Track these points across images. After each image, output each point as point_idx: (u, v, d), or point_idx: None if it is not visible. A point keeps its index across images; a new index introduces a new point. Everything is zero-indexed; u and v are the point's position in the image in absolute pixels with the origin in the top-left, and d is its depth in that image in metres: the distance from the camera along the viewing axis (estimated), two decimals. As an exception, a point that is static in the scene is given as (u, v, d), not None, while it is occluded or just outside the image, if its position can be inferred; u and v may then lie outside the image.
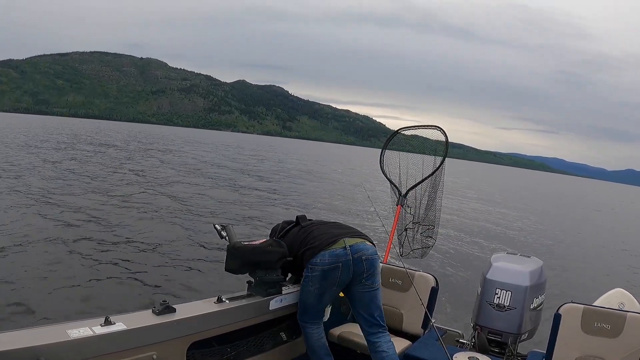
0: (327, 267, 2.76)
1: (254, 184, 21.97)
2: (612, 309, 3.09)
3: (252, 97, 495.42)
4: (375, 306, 2.91)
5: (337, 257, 2.76)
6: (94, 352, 2.03)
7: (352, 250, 2.77)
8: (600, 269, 12.57)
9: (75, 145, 36.06)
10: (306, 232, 2.97)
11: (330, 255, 2.76)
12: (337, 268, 2.76)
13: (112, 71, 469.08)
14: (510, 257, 3.84)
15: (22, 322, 4.97)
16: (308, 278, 2.86)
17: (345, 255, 2.76)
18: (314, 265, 2.79)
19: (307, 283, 2.88)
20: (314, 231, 2.94)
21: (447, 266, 9.94)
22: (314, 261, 2.80)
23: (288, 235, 3.07)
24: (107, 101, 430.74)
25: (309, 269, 2.84)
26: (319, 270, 2.78)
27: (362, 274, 2.81)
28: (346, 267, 2.76)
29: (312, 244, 2.85)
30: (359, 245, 2.81)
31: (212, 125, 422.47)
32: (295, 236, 3.01)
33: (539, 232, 18.03)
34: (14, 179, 15.36)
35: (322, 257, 2.76)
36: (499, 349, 3.48)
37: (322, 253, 2.77)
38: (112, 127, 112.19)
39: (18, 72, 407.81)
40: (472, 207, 23.14)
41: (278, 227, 3.23)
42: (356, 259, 2.77)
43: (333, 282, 2.82)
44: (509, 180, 75.06)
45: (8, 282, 6.26)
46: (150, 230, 10.25)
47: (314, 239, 2.87)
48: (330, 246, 2.77)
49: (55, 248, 8.05)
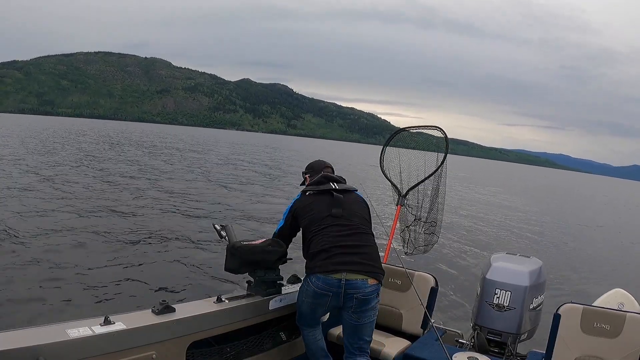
0: (319, 290, 2.75)
1: (254, 181, 22.02)
2: (611, 309, 3.09)
3: (256, 95, 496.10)
4: (358, 337, 2.85)
5: (330, 286, 2.71)
6: (94, 351, 2.04)
7: (347, 286, 2.70)
8: (600, 269, 12.52)
9: (79, 145, 36.18)
10: (323, 225, 2.87)
11: (324, 281, 2.72)
12: (327, 295, 2.75)
13: (117, 71, 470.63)
14: (509, 257, 3.83)
15: (21, 321, 4.96)
16: (303, 289, 2.88)
17: (338, 288, 2.71)
18: (309, 283, 2.80)
19: (302, 293, 2.89)
20: (327, 236, 2.83)
21: (446, 266, 9.92)
22: (309, 279, 2.80)
23: (316, 198, 3.01)
24: (111, 101, 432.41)
25: (306, 282, 2.85)
26: (312, 290, 2.78)
27: (351, 308, 2.76)
28: (336, 297, 2.73)
29: (316, 257, 2.79)
30: (357, 283, 2.71)
31: (217, 124, 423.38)
32: (318, 205, 2.97)
33: (539, 232, 17.95)
34: (14, 180, 15.35)
35: (317, 279, 2.75)
36: (499, 349, 3.47)
37: (318, 276, 2.74)
38: (118, 127, 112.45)
39: (23, 73, 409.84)
40: (473, 207, 23.07)
41: (315, 167, 3.33)
42: (348, 295, 2.72)
43: (323, 304, 2.82)
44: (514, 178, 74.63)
45: (7, 282, 6.28)
46: (150, 230, 10.26)
47: (320, 253, 2.78)
48: (328, 274, 2.72)
49: (54, 248, 8.06)
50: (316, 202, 2.99)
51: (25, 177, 16.25)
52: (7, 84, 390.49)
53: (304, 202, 3.04)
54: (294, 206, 3.06)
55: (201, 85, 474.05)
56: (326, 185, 3.06)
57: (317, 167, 3.34)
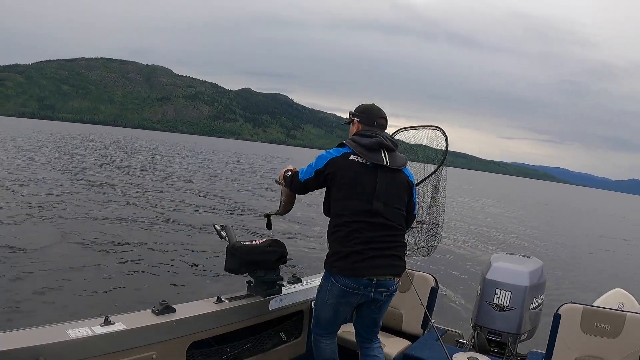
0: (349, 290, 2.56)
1: (255, 184, 22.05)
2: (611, 309, 3.09)
3: (256, 105, 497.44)
4: (375, 325, 2.82)
5: (361, 285, 2.55)
6: (94, 352, 2.04)
7: (377, 286, 2.57)
8: (600, 269, 12.54)
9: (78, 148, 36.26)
10: (358, 219, 2.53)
11: (354, 282, 2.54)
12: (356, 295, 2.58)
13: (118, 77, 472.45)
14: (510, 257, 3.83)
15: (21, 321, 4.97)
16: (326, 289, 2.65)
17: (369, 287, 2.56)
18: (335, 282, 2.58)
19: (324, 295, 2.67)
20: (360, 234, 2.53)
21: (447, 266, 9.95)
22: (336, 278, 2.58)
23: (359, 169, 2.57)
24: (112, 107, 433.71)
25: (329, 281, 2.62)
26: (338, 289, 2.58)
27: (376, 304, 2.68)
28: (365, 296, 2.61)
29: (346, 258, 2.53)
30: (386, 282, 2.60)
31: (217, 133, 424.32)
32: (360, 185, 2.56)
33: (539, 233, 17.99)
34: (12, 181, 15.42)
35: (345, 279, 2.55)
36: (499, 349, 3.46)
37: (347, 276, 2.54)
38: (119, 133, 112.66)
39: (24, 77, 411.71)
40: (473, 209, 23.08)
41: (368, 112, 2.76)
42: (377, 293, 2.60)
43: (351, 303, 2.66)
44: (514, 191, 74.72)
45: (8, 282, 6.29)
46: (150, 230, 10.32)
47: (351, 255, 2.52)
48: (359, 277, 2.54)
49: (54, 249, 8.08)
50: (359, 177, 2.57)
51: (26, 178, 16.32)
52: (8, 87, 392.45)
53: (343, 168, 2.58)
54: (329, 165, 2.60)
55: (202, 94, 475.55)
56: (377, 155, 2.59)
57: (371, 114, 2.76)
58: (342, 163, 2.58)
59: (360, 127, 2.74)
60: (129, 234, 9.73)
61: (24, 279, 6.45)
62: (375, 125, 2.72)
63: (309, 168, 2.68)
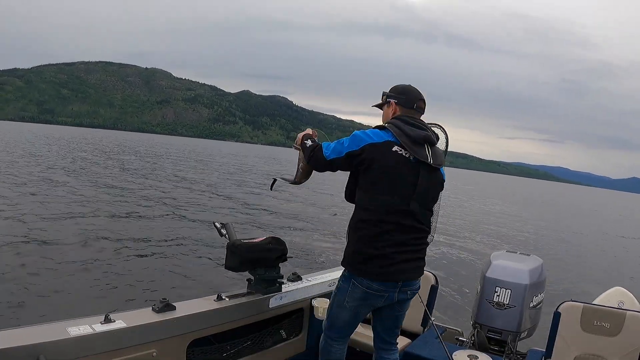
0: (375, 292, 2.39)
1: (254, 184, 22.06)
2: (611, 308, 3.09)
3: (256, 107, 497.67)
4: (396, 326, 2.67)
5: (388, 287, 2.39)
6: (94, 349, 2.03)
7: (402, 285, 2.42)
8: (600, 268, 12.55)
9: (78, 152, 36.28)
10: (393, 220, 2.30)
11: (381, 284, 2.37)
12: (380, 297, 2.41)
13: (117, 81, 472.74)
14: (510, 255, 3.83)
15: (22, 319, 4.98)
16: (346, 291, 2.44)
17: (394, 289, 2.41)
18: (359, 285, 2.39)
19: (343, 298, 2.47)
20: (391, 236, 2.32)
21: (447, 264, 9.96)
22: (360, 281, 2.38)
23: (400, 160, 2.30)
24: (111, 111, 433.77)
25: (351, 284, 2.42)
26: (361, 292, 2.40)
27: (400, 303, 2.54)
28: (390, 298, 2.45)
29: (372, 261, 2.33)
30: (411, 283, 2.46)
31: (217, 136, 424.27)
32: (399, 180, 2.30)
33: (539, 231, 18.01)
34: (13, 181, 15.44)
35: (370, 282, 2.37)
36: (499, 347, 3.46)
37: (372, 279, 2.36)
38: (120, 136, 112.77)
39: (23, 81, 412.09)
40: (473, 207, 23.11)
41: (408, 94, 2.49)
42: (401, 292, 2.45)
43: (370, 305, 2.49)
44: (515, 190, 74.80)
45: (8, 280, 6.30)
46: (150, 228, 10.35)
47: (378, 258, 2.32)
48: (387, 281, 2.38)
49: (55, 247, 8.10)
50: (401, 173, 2.30)
51: (26, 179, 16.35)
52: (8, 92, 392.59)
53: (384, 159, 2.29)
54: (367, 151, 2.30)
55: (201, 97, 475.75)
56: (422, 150, 2.33)
57: (412, 96, 2.48)
58: (383, 152, 2.29)
59: (398, 109, 2.47)
60: (130, 232, 9.76)
61: (25, 278, 6.46)
62: (415, 107, 2.46)
63: (339, 146, 2.37)
